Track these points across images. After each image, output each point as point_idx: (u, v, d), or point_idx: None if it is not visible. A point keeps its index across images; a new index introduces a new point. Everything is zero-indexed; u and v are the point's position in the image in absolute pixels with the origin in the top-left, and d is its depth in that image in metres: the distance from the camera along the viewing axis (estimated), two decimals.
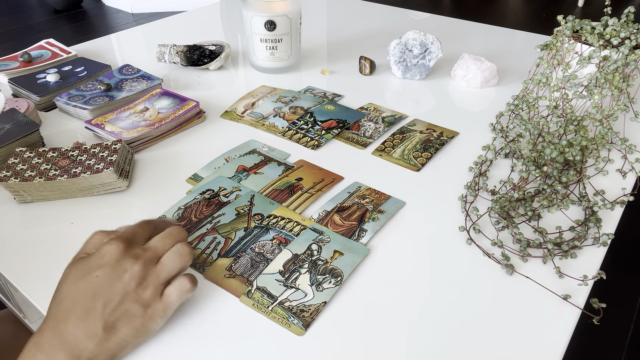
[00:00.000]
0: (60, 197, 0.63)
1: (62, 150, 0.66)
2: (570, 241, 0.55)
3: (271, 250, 0.54)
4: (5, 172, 0.61)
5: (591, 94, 0.68)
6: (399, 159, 0.70)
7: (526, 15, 2.89)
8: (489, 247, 0.56)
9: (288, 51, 0.94)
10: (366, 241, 0.56)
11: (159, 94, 0.82)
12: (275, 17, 0.89)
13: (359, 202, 0.62)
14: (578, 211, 0.61)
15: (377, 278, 0.52)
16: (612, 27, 0.73)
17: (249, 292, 0.50)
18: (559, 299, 0.49)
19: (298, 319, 0.47)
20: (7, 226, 0.59)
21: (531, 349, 0.45)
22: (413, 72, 0.93)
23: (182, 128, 0.78)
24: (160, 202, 0.62)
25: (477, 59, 0.91)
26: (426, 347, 0.45)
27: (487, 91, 0.90)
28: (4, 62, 0.96)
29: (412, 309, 0.48)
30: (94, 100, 0.80)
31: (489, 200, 0.62)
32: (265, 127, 0.78)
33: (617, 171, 0.68)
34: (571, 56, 0.75)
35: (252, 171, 0.67)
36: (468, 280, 0.51)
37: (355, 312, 0.48)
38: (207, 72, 0.98)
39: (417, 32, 0.90)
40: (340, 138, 0.76)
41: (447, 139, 0.75)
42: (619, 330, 1.04)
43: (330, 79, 0.95)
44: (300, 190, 0.64)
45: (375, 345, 0.45)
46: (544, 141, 0.64)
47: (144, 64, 1.00)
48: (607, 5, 0.75)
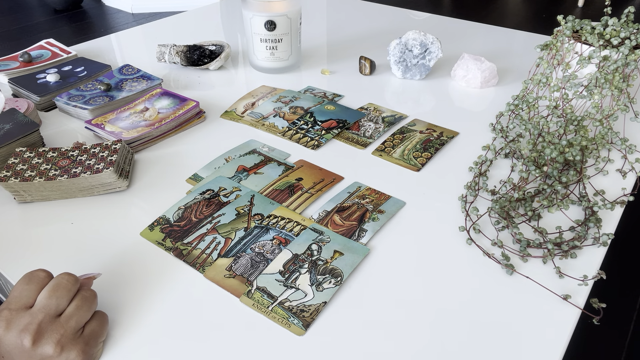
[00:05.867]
0: (60, 197, 0.63)
1: (62, 150, 0.66)
2: (570, 241, 0.55)
3: (271, 250, 0.54)
4: (5, 172, 0.61)
5: (591, 94, 0.68)
6: (399, 159, 0.70)
7: (526, 15, 2.89)
8: (489, 247, 0.56)
9: (288, 51, 0.94)
10: (366, 241, 0.56)
11: (159, 94, 0.82)
12: (275, 17, 0.89)
13: (359, 202, 0.62)
14: (578, 211, 0.61)
15: (377, 278, 0.52)
16: (612, 27, 0.73)
17: (249, 292, 0.50)
18: (559, 299, 0.49)
19: (298, 319, 0.47)
20: (7, 226, 0.59)
21: (531, 349, 0.45)
22: (413, 72, 0.93)
23: (182, 128, 0.78)
24: (160, 202, 0.62)
25: (477, 59, 0.91)
26: (426, 346, 0.45)
27: (487, 91, 0.90)
28: (4, 62, 0.96)
29: (412, 309, 0.48)
30: (94, 100, 0.80)
31: (489, 200, 0.62)
32: (265, 127, 0.78)
33: (617, 171, 0.68)
34: (571, 56, 0.75)
35: (252, 171, 0.67)
36: (468, 280, 0.51)
37: (355, 312, 0.48)
38: (207, 72, 0.98)
39: (417, 32, 0.90)
40: (340, 138, 0.76)
41: (447, 139, 0.75)
42: (619, 330, 1.04)
43: (330, 79, 0.95)
44: (300, 190, 0.64)
45: (375, 345, 0.45)
46: (544, 141, 0.64)
47: (144, 64, 1.00)
48: (607, 5, 0.75)
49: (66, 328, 0.41)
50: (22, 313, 0.40)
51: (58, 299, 0.41)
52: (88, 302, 0.43)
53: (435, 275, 0.52)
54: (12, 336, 0.39)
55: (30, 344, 0.39)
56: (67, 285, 0.42)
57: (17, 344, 0.39)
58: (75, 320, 0.42)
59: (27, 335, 0.39)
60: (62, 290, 0.42)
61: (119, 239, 0.57)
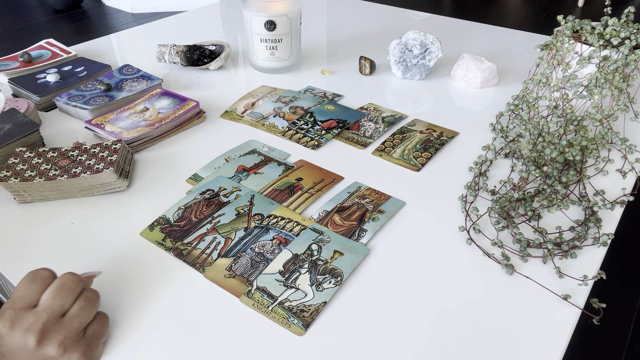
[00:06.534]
0: (60, 197, 0.63)
1: (62, 150, 0.66)
2: (570, 241, 0.55)
3: (271, 250, 0.54)
4: (5, 172, 0.61)
5: (591, 94, 0.68)
6: (399, 159, 0.70)
7: (526, 15, 2.89)
8: (489, 247, 0.56)
9: (288, 51, 0.94)
10: (366, 241, 0.56)
11: (159, 94, 0.82)
12: (275, 17, 0.89)
13: (359, 202, 0.62)
14: (578, 211, 0.61)
15: (377, 278, 0.52)
16: (612, 27, 0.73)
17: (249, 292, 0.50)
18: (559, 299, 0.49)
19: (298, 319, 0.47)
20: (7, 226, 0.59)
21: (531, 349, 0.45)
22: (413, 72, 0.93)
23: (182, 128, 0.78)
24: (160, 202, 0.62)
25: (477, 59, 0.91)
26: (426, 346, 0.45)
27: (487, 91, 0.90)
28: (4, 62, 0.96)
29: (412, 309, 0.48)
30: (94, 100, 0.80)
31: (489, 200, 0.62)
32: (265, 127, 0.78)
33: (617, 171, 0.68)
34: (571, 56, 0.75)
35: (252, 171, 0.67)
36: (468, 280, 0.51)
37: (355, 312, 0.48)
38: (207, 72, 0.98)
39: (417, 32, 0.90)
40: (340, 138, 0.76)
41: (447, 139, 0.75)
42: (619, 330, 1.04)
43: (330, 79, 0.95)
44: (300, 190, 0.64)
45: (375, 345, 0.45)
46: (544, 141, 0.64)
47: (144, 64, 1.00)
48: (607, 5, 0.75)
49: (69, 329, 0.41)
50: (26, 312, 0.40)
51: (62, 299, 0.41)
52: (91, 303, 0.43)
53: (435, 275, 0.52)
54: (16, 335, 0.39)
55: (34, 344, 0.39)
56: (72, 286, 0.42)
57: (21, 344, 0.39)
58: (79, 321, 0.41)
59: (31, 335, 0.39)
60: (66, 291, 0.42)
61: (119, 239, 0.57)
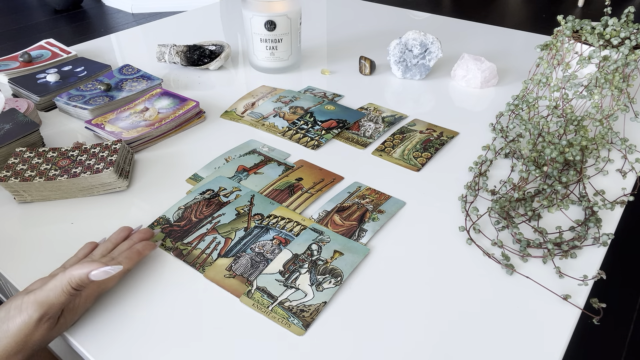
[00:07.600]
0: (60, 197, 0.63)
1: (62, 150, 0.66)
2: (570, 241, 0.55)
3: (271, 250, 0.54)
4: (5, 172, 0.61)
5: (591, 94, 0.68)
6: (399, 159, 0.70)
7: (526, 15, 2.89)
8: (489, 247, 0.56)
9: (288, 51, 0.94)
10: (366, 241, 0.56)
11: (159, 94, 0.82)
12: (275, 17, 0.89)
13: (359, 202, 0.62)
14: (578, 211, 0.61)
15: (377, 278, 0.52)
16: (612, 27, 0.73)
17: (249, 292, 0.50)
18: (559, 299, 0.49)
19: (298, 319, 0.47)
20: (7, 226, 0.59)
21: (531, 349, 0.45)
22: (413, 72, 0.93)
23: (182, 128, 0.78)
24: (160, 202, 0.62)
25: (477, 59, 0.91)
26: (426, 346, 0.45)
27: (487, 91, 0.90)
28: (4, 62, 0.96)
29: (411, 309, 0.48)
30: (94, 100, 0.80)
31: (489, 200, 0.62)
32: (265, 127, 0.78)
33: (617, 171, 0.68)
34: (571, 56, 0.75)
35: (252, 171, 0.67)
36: (468, 280, 0.51)
37: (355, 312, 0.48)
38: (207, 72, 0.98)
39: (417, 32, 0.90)
40: (340, 138, 0.76)
41: (447, 139, 0.75)
42: (619, 330, 1.04)
43: (330, 79, 0.95)
44: (300, 190, 0.64)
45: (375, 345, 0.45)
46: (544, 141, 0.64)
47: (144, 64, 1.00)
48: (607, 5, 0.75)
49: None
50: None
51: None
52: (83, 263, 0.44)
53: (435, 275, 0.52)
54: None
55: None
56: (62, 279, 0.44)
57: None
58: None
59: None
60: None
61: None
